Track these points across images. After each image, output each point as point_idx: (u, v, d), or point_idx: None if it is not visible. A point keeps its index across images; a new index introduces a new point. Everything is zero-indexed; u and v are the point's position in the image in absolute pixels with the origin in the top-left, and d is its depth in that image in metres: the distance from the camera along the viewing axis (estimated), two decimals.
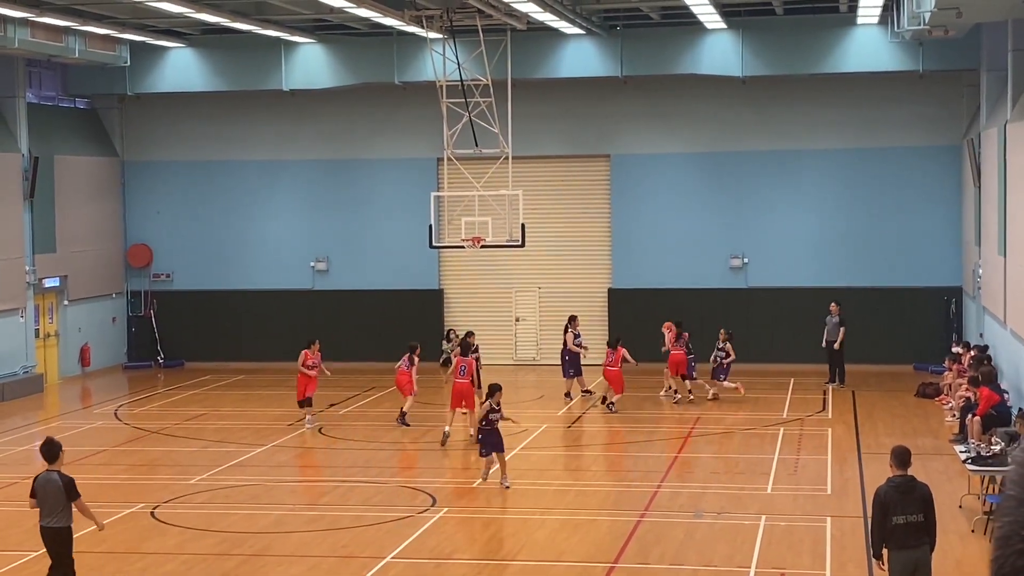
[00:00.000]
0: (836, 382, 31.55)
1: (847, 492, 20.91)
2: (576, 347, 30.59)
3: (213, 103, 37.37)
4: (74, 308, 36.09)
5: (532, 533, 18.70)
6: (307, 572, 16.72)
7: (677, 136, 36.05)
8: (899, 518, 12.90)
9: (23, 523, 19.55)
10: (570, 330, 31.09)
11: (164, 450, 25.58)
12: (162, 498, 20.94)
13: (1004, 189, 26.78)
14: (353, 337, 36.93)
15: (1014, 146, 25.68)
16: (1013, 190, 25.79)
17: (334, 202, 37.46)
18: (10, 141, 33.59)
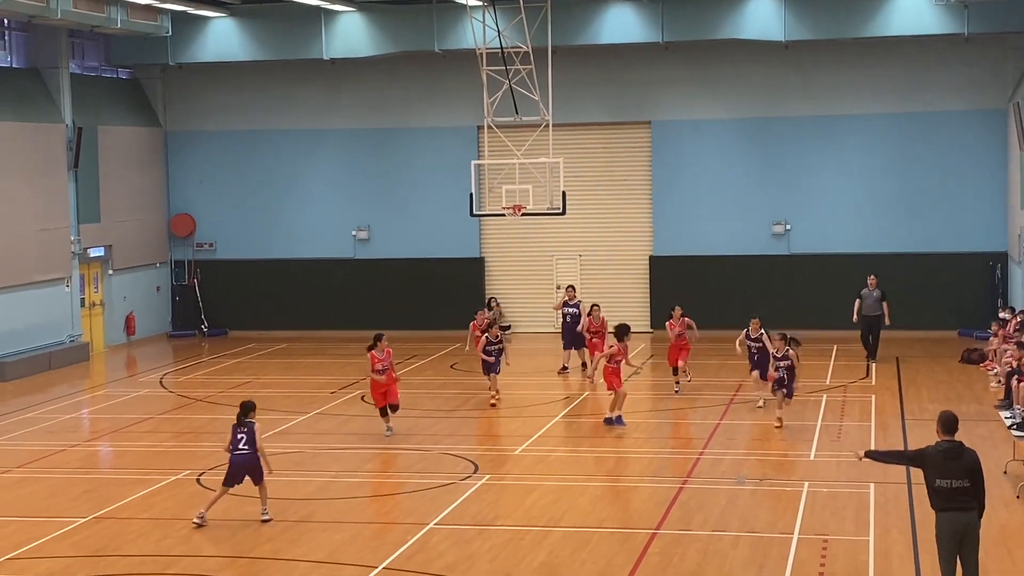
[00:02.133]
0: (871, 359, 30.33)
1: None
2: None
3: (254, 72, 37.46)
4: (119, 277, 36.36)
5: (574, 500, 18.73)
6: (350, 538, 16.82)
7: (719, 102, 35.85)
8: (943, 482, 12.83)
9: (70, 491, 19.78)
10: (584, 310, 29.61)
11: (209, 418, 25.76)
12: (207, 465, 21.11)
13: None
14: (394, 306, 37.07)
15: None
16: None
17: (375, 171, 37.51)
18: (54, 112, 33.81)
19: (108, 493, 19.49)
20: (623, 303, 36.50)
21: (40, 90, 33.86)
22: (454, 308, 36.76)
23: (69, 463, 21.96)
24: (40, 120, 33.21)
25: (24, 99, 33.14)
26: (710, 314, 35.52)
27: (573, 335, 29.43)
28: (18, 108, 32.69)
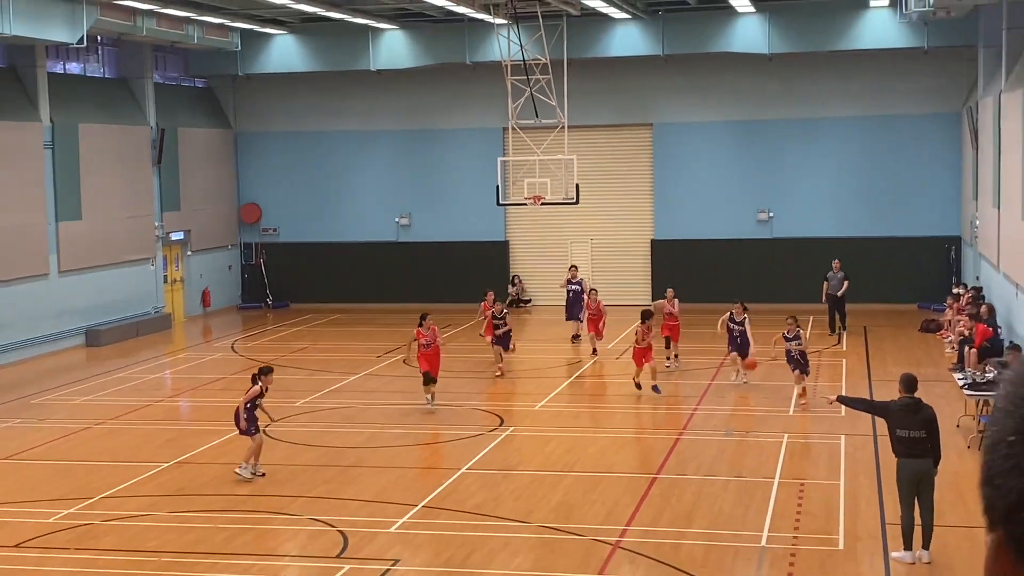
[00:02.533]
0: (843, 329, 29.70)
1: (859, 414, 20.70)
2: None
3: (311, 82, 37.45)
4: (196, 258, 36.47)
5: (586, 449, 18.76)
6: (395, 481, 16.88)
7: (711, 107, 35.71)
8: (903, 432, 12.84)
9: (155, 440, 19.90)
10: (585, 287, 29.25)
11: (274, 377, 25.80)
12: (273, 418, 21.18)
13: (999, 150, 26.47)
14: (431, 282, 37.11)
15: (1007, 113, 25.33)
16: (1006, 151, 25.50)
17: (415, 166, 37.50)
18: (140, 116, 33.89)
19: (187, 442, 19.62)
20: (628, 280, 36.51)
21: (128, 97, 33.93)
22: (483, 284, 36.63)
23: (154, 416, 22.09)
24: (128, 123, 33.29)
25: (115, 105, 33.22)
26: (703, 290, 35.53)
27: (574, 309, 29.29)
28: (110, 112, 32.77)
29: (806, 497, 15.66)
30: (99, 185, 31.60)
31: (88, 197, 31.21)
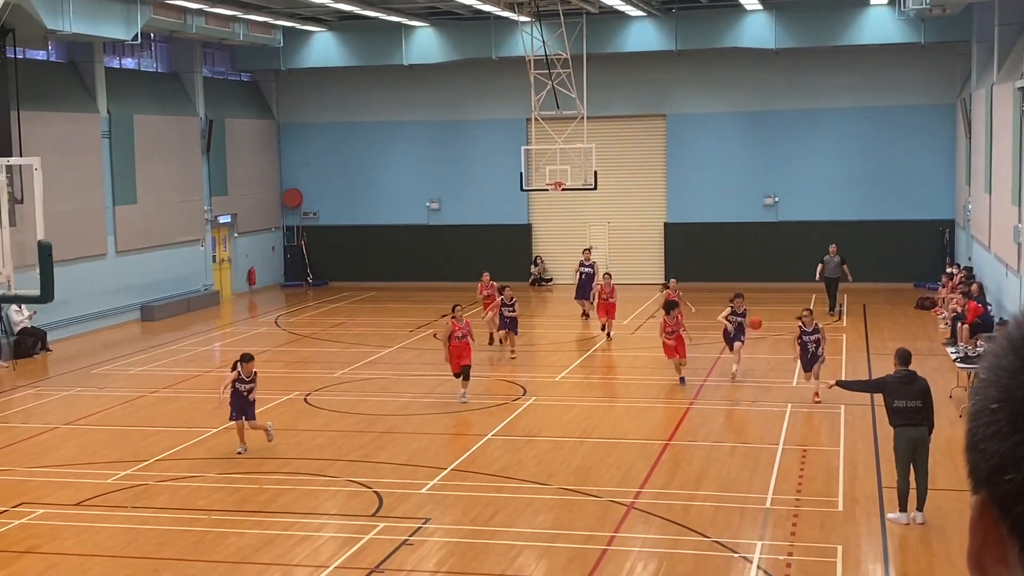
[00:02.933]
0: (830, 310, 28.82)
1: None
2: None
3: (348, 75, 37.44)
4: (242, 239, 36.59)
5: (603, 417, 18.77)
6: (426, 446, 16.94)
7: (721, 98, 35.50)
8: (899, 402, 12.81)
9: (205, 407, 20.00)
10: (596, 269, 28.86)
11: (314, 350, 25.95)
12: (313, 387, 21.29)
13: (990, 139, 26.27)
14: (459, 262, 37.09)
15: (999, 104, 25.14)
16: (997, 140, 25.30)
17: (444, 154, 37.47)
18: (190, 107, 33.96)
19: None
20: (642, 261, 36.44)
21: (179, 90, 34.01)
22: (507, 264, 36.79)
23: (204, 385, 22.21)
24: (179, 114, 33.37)
25: (167, 97, 33.30)
26: (712, 269, 35.49)
27: (585, 289, 28.86)
28: (162, 104, 32.85)
29: (808, 462, 15.64)
30: (152, 172, 31.71)
31: (142, 183, 31.33)
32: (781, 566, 11.87)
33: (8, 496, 14.88)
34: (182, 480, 15.46)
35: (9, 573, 12.13)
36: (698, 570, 11.80)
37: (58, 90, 28.70)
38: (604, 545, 12.60)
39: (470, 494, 14.46)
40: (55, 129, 27.46)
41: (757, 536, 12.81)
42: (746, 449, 16.43)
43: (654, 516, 13.54)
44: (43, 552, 12.78)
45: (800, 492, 14.35)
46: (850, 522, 13.25)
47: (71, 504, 14.49)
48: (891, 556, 12.20)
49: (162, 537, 13.13)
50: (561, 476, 15.29)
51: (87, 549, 12.84)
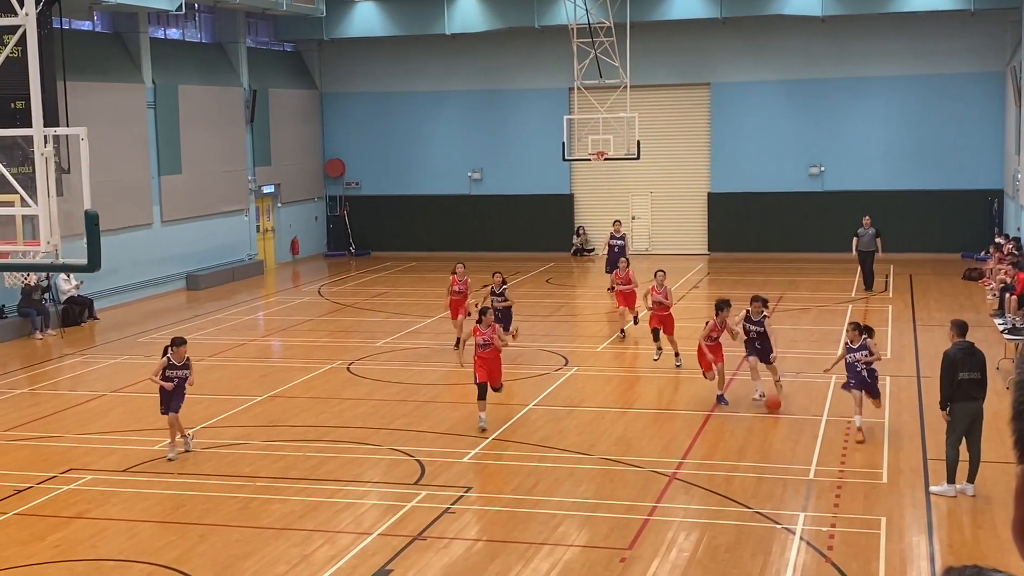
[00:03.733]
0: (868, 289, 27.55)
1: (904, 356, 20.51)
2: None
3: (391, 45, 37.41)
4: (285, 209, 36.78)
5: (645, 387, 18.72)
6: (467, 415, 16.98)
7: (766, 67, 35.13)
8: (964, 374, 12.72)
9: (249, 375, 20.20)
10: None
11: (356, 319, 26.07)
12: (355, 356, 21.40)
13: None
14: (501, 232, 37.12)
15: None
16: None
17: (486, 124, 37.39)
18: (234, 78, 34.09)
19: (278, 377, 19.88)
20: (685, 231, 36.25)
21: (223, 60, 34.13)
22: (549, 234, 36.83)
23: (248, 354, 22.41)
24: (223, 84, 33.50)
25: (211, 68, 33.44)
26: (756, 239, 35.28)
27: (614, 263, 28.40)
28: (206, 75, 33.00)
29: (852, 433, 15.52)
30: (197, 142, 31.90)
31: (187, 153, 31.53)
32: (824, 537, 11.81)
33: (57, 462, 15.11)
34: (227, 447, 15.61)
35: (59, 538, 12.33)
36: (740, 541, 11.77)
37: (103, 61, 28.89)
38: (645, 515, 12.60)
39: (512, 463, 14.50)
40: (101, 99, 27.66)
41: (800, 507, 12.75)
42: (789, 420, 16.33)
43: (696, 487, 13.51)
44: (91, 517, 12.98)
45: (844, 463, 14.26)
46: (894, 494, 13.16)
47: (118, 470, 14.69)
48: (935, 528, 12.10)
49: (208, 503, 13.29)
50: (603, 446, 15.29)
51: (134, 515, 13.03)
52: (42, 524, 12.74)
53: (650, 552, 11.57)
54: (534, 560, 11.44)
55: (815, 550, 11.49)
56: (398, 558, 11.53)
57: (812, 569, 11.06)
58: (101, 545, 12.11)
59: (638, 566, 11.21)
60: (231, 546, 11.92)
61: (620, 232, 28.62)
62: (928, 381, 18.37)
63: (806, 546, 11.61)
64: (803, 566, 11.13)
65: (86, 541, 12.23)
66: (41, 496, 13.73)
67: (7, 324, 24.62)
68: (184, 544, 12.05)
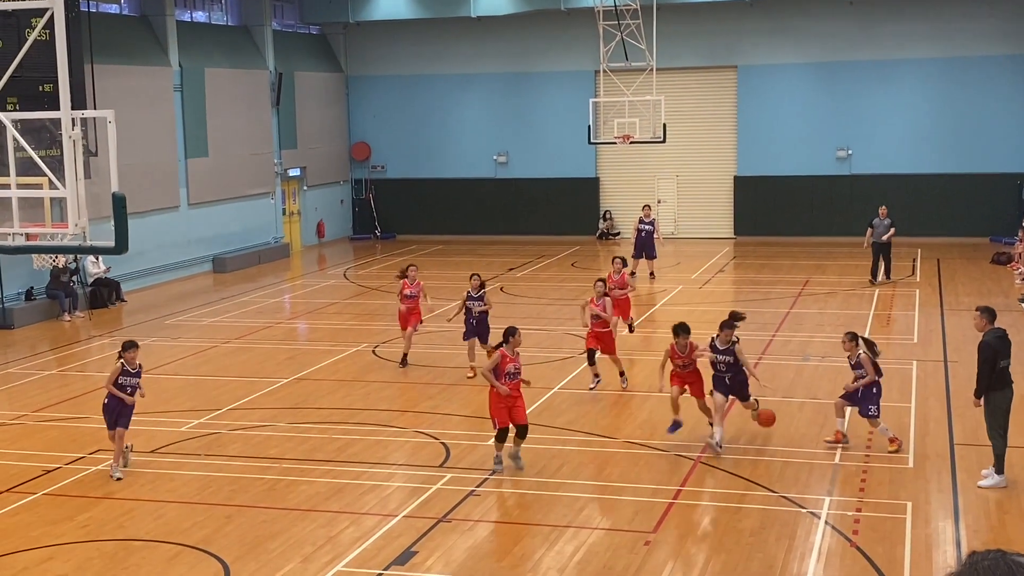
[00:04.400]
0: (885, 277, 26.51)
1: (931, 341, 20.38)
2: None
3: (417, 28, 37.36)
4: (311, 192, 36.87)
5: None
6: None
7: (794, 49, 34.88)
8: (1003, 362, 12.59)
9: (276, 357, 20.29)
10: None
11: (381, 303, 26.14)
12: (380, 340, 21.46)
13: None
14: (527, 216, 37.09)
15: None
16: None
17: (512, 107, 37.32)
18: (260, 61, 34.15)
19: (304, 360, 19.96)
20: (711, 215, 36.12)
21: (249, 43, 34.19)
22: (574, 218, 36.79)
23: (275, 336, 22.51)
24: (249, 67, 33.57)
25: (237, 51, 33.51)
26: (783, 223, 35.12)
27: (644, 247, 28.21)
28: (232, 58, 33.07)
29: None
30: (223, 125, 32.00)
31: (213, 136, 31.63)
32: (849, 522, 11.78)
33: (85, 443, 15.25)
34: (254, 429, 15.70)
35: (87, 518, 12.45)
36: (765, 525, 11.75)
37: (131, 43, 28.99)
38: (670, 499, 12.60)
39: (536, 446, 14.51)
40: (128, 82, 27.77)
41: (825, 492, 12.72)
42: (815, 404, 16.27)
43: (721, 470, 13.50)
44: (119, 498, 13.09)
45: (869, 449, 14.20)
46: (920, 479, 13.09)
47: (145, 451, 14.80)
48: (962, 513, 12.04)
49: (234, 484, 13.38)
50: (628, 430, 15.28)
51: (161, 495, 13.13)
52: (70, 504, 12.86)
53: (675, 536, 11.57)
54: (558, 543, 11.46)
55: (840, 534, 11.46)
56: (423, 540, 11.57)
57: (837, 554, 11.04)
58: (128, 525, 12.22)
59: (663, 550, 11.21)
60: (257, 527, 12.00)
61: (650, 217, 28.44)
62: (955, 366, 18.26)
63: (831, 531, 11.58)
64: (828, 550, 11.11)
65: (113, 521, 12.34)
66: (69, 476, 13.85)
67: (36, 306, 24.82)
68: (211, 525, 12.14)
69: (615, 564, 10.89)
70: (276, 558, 11.12)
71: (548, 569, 10.91)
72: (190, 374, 19.30)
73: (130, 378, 13.82)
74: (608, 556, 11.07)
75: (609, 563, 10.92)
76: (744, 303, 25.30)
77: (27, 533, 12.05)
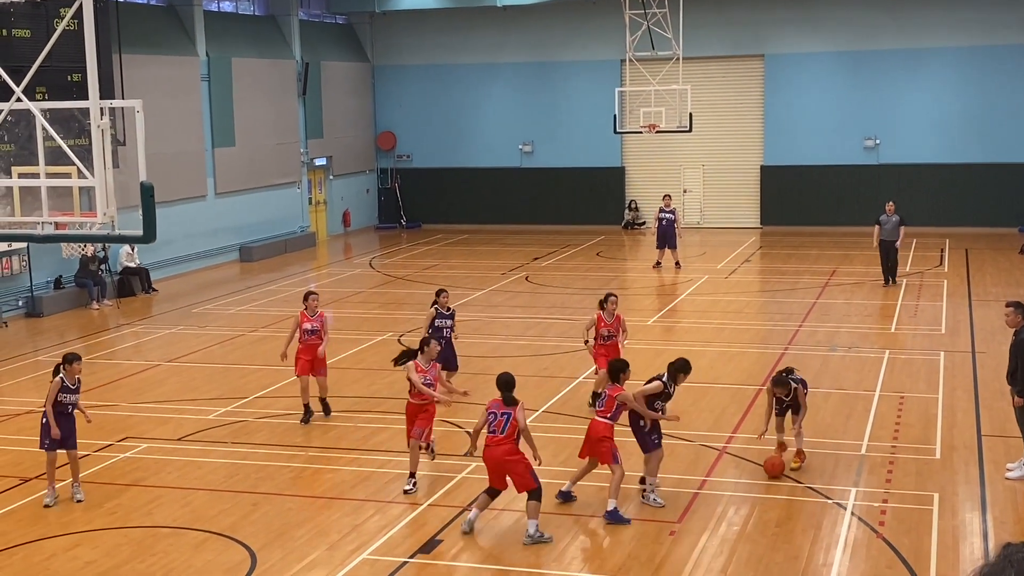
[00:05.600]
0: (892, 281, 24.74)
1: (959, 331, 20.24)
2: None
3: (443, 17, 37.34)
4: (337, 181, 36.95)
5: (695, 361, 18.49)
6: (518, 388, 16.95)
7: (821, 38, 34.64)
8: None
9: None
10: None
11: (407, 292, 26.18)
12: (406, 329, 21.49)
13: None
14: (553, 206, 37.05)
15: None
16: None
17: (537, 97, 37.25)
18: (287, 51, 34.22)
19: (330, 348, 19.91)
20: (738, 204, 35.97)
21: (276, 33, 34.26)
22: (600, 208, 36.73)
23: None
24: (276, 57, 33.65)
25: (264, 41, 33.59)
26: (810, 213, 34.92)
27: (665, 237, 28.19)
28: (259, 48, 33.16)
29: (905, 409, 15.36)
30: (250, 114, 32.10)
31: (240, 125, 31.74)
32: (875, 513, 11.72)
33: (113, 430, 15.36)
34: (279, 417, 15.76)
35: (115, 505, 12.54)
36: (791, 516, 11.71)
37: (158, 34, 29.11)
38: (695, 489, 12.57)
39: (561, 436, 14.51)
40: (156, 72, 27.89)
41: (851, 483, 12.65)
42: (841, 395, 16.19)
43: (746, 461, 13.45)
44: (147, 485, 13.18)
45: (896, 439, 14.12)
46: (947, 470, 13.01)
47: (173, 439, 14.90)
48: (989, 505, 11.96)
49: (261, 472, 13.44)
50: None
51: (188, 483, 13.21)
52: (99, 491, 12.96)
53: (700, 526, 11.55)
54: (583, 533, 11.46)
55: (866, 525, 11.41)
56: (448, 528, 11.60)
57: (863, 544, 10.99)
58: (156, 512, 12.30)
59: (688, 540, 11.19)
60: (284, 514, 12.06)
61: (670, 206, 28.41)
62: (983, 357, 18.13)
63: (857, 521, 11.53)
64: (854, 542, 11.06)
65: (141, 508, 12.43)
66: (98, 464, 13.96)
67: (65, 294, 25.00)
68: (237, 512, 12.21)
69: (640, 554, 10.88)
70: (302, 546, 11.17)
71: (573, 559, 10.92)
72: (217, 362, 19.40)
73: (70, 395, 12.37)
74: (633, 546, 11.07)
75: (634, 553, 10.91)
76: (770, 293, 25.21)
77: (56, 520, 12.16)
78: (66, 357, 12.55)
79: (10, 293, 24.11)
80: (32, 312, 24.13)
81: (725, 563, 10.66)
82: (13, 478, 13.48)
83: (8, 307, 23.86)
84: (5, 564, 11.04)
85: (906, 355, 18.51)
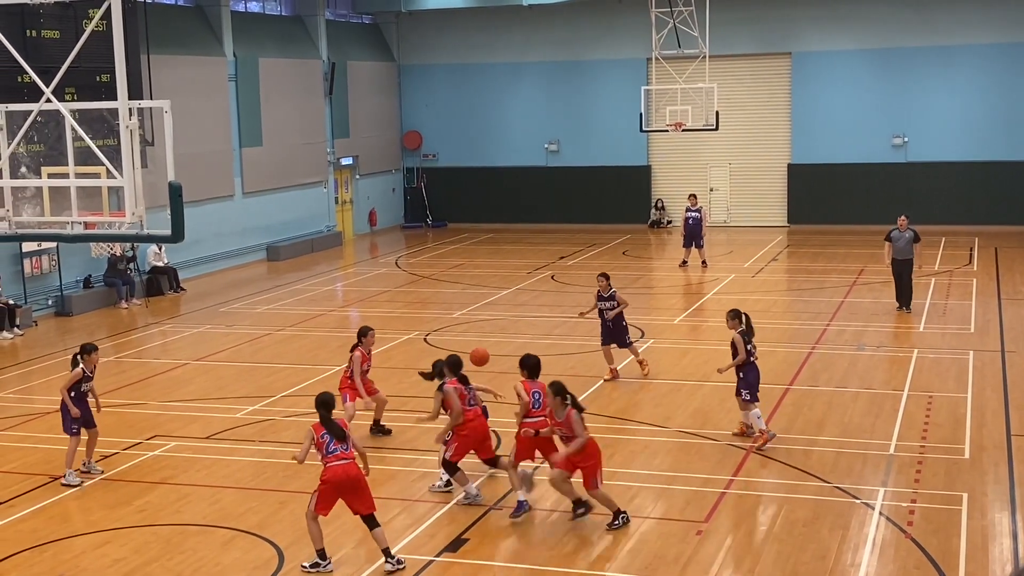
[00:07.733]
0: (906, 308, 21.87)
1: (988, 330, 20.08)
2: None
3: (469, 17, 37.37)
4: (364, 181, 37.04)
5: (721, 360, 18.51)
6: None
7: (849, 35, 34.44)
8: None
9: (328, 344, 20.42)
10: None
11: (433, 291, 26.22)
12: (432, 327, 21.53)
13: None
14: (578, 204, 37.01)
15: None
16: None
17: (563, 95, 37.22)
18: (313, 51, 34.34)
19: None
20: (765, 203, 35.81)
21: (303, 33, 34.39)
22: (626, 206, 36.67)
23: (327, 323, 22.66)
24: (303, 57, 33.77)
25: (290, 41, 33.72)
26: (838, 211, 34.73)
27: (693, 235, 28.03)
28: (286, 48, 33.29)
29: (934, 409, 15.26)
30: (277, 114, 32.24)
31: (268, 125, 31.88)
32: (904, 513, 11.65)
33: (142, 428, 15.47)
34: (307, 415, 15.80)
35: (144, 502, 12.63)
36: (818, 515, 11.66)
37: (186, 34, 29.28)
38: (722, 488, 12.53)
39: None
40: (183, 72, 28.05)
41: (880, 482, 12.58)
42: (870, 395, 16.10)
43: (774, 460, 13.40)
44: (175, 483, 13.27)
45: (925, 439, 14.03)
46: (976, 470, 12.92)
47: (201, 437, 14.98)
48: (1019, 505, 11.86)
49: (288, 470, 13.50)
50: (679, 419, 15.22)
51: (217, 481, 13.29)
52: (128, 489, 13.06)
53: (726, 525, 11.52)
54: (610, 531, 11.45)
55: (895, 525, 11.34)
56: (474, 527, 11.61)
57: (891, 544, 10.92)
58: (185, 510, 12.38)
59: (714, 539, 11.16)
60: None
61: (696, 205, 28.35)
62: (1012, 356, 17.99)
63: (885, 521, 11.47)
64: (882, 541, 11.00)
65: (170, 506, 12.51)
66: (127, 462, 14.06)
67: (94, 294, 25.19)
68: (265, 510, 12.27)
69: (666, 553, 10.86)
70: (329, 543, 11.20)
71: (599, 558, 10.91)
72: (245, 361, 19.49)
73: (86, 382, 13.33)
74: (659, 545, 11.05)
75: (660, 552, 10.89)
76: (797, 292, 25.10)
77: (85, 517, 12.26)
78: (84, 347, 13.45)
79: (40, 292, 24.31)
80: (61, 311, 24.33)
81: (752, 563, 10.62)
82: (43, 476, 13.60)
83: (38, 306, 24.07)
84: (36, 561, 11.14)
85: (935, 354, 18.39)
